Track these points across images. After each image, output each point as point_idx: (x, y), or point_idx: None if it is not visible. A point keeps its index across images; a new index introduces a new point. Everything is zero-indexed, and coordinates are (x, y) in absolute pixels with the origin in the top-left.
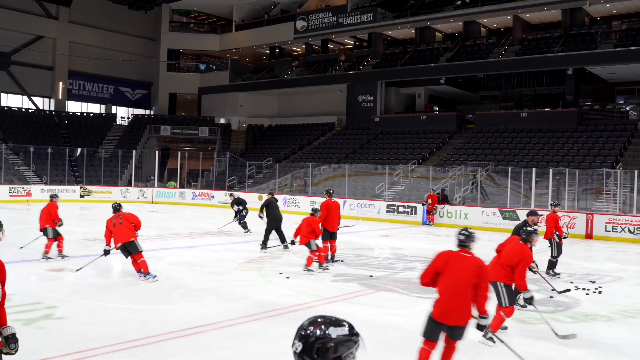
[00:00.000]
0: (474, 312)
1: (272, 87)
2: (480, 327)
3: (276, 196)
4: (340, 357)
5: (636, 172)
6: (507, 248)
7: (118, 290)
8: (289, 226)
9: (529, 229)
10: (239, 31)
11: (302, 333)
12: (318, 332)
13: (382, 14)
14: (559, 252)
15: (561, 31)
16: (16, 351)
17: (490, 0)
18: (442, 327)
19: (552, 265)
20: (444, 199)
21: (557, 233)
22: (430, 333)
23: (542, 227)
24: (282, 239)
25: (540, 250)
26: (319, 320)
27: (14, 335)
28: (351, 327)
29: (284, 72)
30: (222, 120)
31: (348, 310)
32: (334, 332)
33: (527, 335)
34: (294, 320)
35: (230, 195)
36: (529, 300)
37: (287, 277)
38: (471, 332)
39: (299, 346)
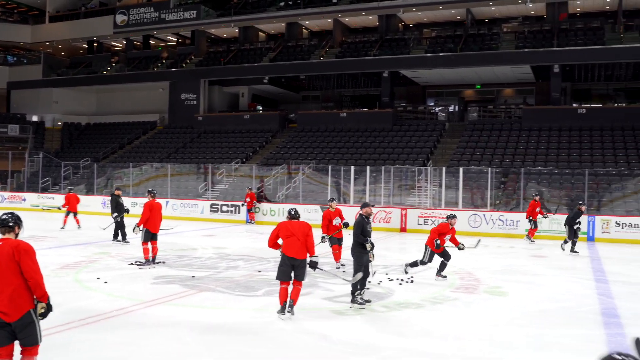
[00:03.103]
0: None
1: (90, 83)
2: (313, 265)
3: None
4: None
5: (444, 169)
6: None
7: None
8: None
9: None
10: (53, 23)
11: None
12: None
13: (205, 11)
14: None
15: (378, 36)
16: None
17: (312, 3)
18: (291, 263)
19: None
20: (264, 197)
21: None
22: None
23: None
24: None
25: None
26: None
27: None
28: None
29: (103, 67)
30: (35, 118)
31: (168, 313)
32: None
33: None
34: (112, 327)
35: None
36: (314, 265)
37: (105, 282)
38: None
39: None
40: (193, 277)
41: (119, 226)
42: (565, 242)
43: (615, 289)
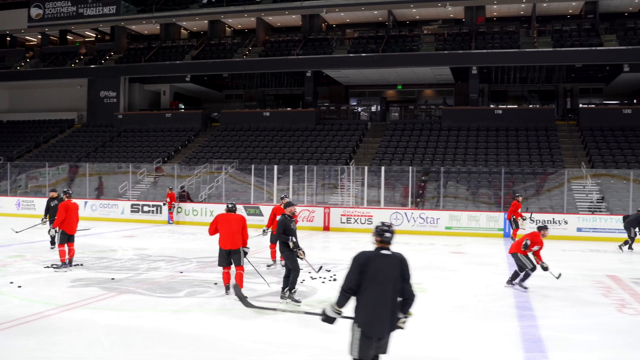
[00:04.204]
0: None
1: (2, 79)
2: (244, 253)
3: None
4: None
5: (366, 168)
6: None
7: None
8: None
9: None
10: None
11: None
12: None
13: (125, 7)
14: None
15: (301, 35)
16: None
17: (235, 1)
18: (227, 254)
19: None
20: (187, 197)
21: None
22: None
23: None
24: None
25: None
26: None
27: None
28: None
29: (17, 63)
30: None
31: (86, 316)
32: None
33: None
34: (26, 333)
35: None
36: (245, 254)
37: (19, 286)
38: None
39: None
40: (112, 279)
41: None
42: (626, 243)
43: (528, 283)
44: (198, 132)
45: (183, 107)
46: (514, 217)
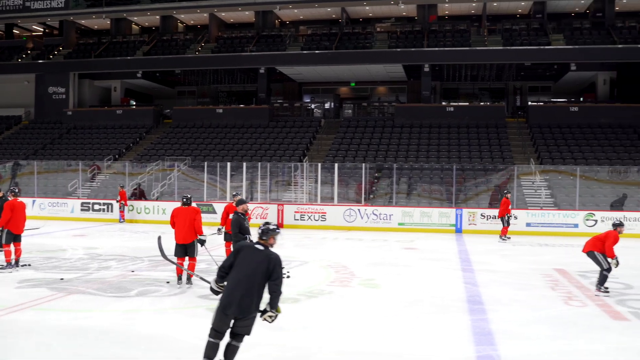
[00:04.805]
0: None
1: None
2: (200, 242)
3: None
4: None
5: (319, 164)
6: None
7: None
8: None
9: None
10: None
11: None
12: None
13: (75, 1)
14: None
15: (254, 32)
16: None
17: None
18: (181, 247)
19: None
20: (141, 195)
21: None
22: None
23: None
24: None
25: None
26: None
27: None
28: None
29: None
30: None
31: (34, 318)
32: None
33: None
34: None
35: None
36: (202, 242)
37: None
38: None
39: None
40: (62, 279)
41: None
42: None
43: (479, 277)
44: (150, 129)
45: (134, 103)
46: (508, 215)
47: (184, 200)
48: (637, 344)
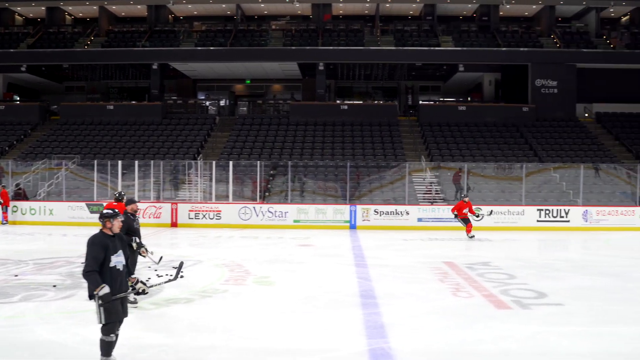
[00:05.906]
0: None
1: None
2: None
3: None
4: None
5: (214, 162)
6: None
7: None
8: None
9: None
10: None
11: None
12: None
13: None
14: None
15: (147, 26)
16: None
17: None
18: None
19: None
20: (23, 195)
21: None
22: None
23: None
24: None
25: None
26: None
27: None
28: None
29: None
30: None
31: None
32: None
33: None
34: None
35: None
36: None
37: None
38: None
39: None
40: None
41: None
42: None
43: (372, 272)
44: (35, 125)
45: (19, 99)
46: (470, 213)
47: (117, 196)
48: (519, 331)
